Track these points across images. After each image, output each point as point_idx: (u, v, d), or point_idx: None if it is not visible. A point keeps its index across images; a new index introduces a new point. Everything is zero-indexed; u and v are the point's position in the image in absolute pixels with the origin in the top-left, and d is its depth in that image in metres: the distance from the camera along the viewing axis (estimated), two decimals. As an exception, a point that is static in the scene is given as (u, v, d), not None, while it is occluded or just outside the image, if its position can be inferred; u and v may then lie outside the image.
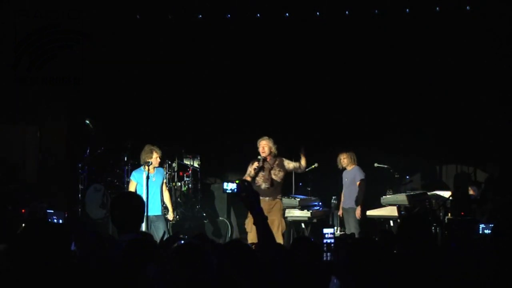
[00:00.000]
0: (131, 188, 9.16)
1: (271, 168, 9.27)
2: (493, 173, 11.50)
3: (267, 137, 9.33)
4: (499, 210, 9.29)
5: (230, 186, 3.37)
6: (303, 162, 9.33)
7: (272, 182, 9.23)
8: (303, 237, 7.46)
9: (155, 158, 9.19)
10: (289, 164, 9.38)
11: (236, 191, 3.39)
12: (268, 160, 9.27)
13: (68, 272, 3.15)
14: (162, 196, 9.38)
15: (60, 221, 7.38)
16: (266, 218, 3.45)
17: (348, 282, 3.43)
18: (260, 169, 9.22)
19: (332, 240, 3.54)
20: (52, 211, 7.74)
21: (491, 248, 3.58)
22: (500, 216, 8.77)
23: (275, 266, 3.37)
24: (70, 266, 3.23)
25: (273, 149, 9.29)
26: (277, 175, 9.28)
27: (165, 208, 9.52)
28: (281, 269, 3.52)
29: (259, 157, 9.24)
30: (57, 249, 3.16)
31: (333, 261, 3.51)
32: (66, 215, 7.69)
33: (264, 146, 9.25)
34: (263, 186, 9.22)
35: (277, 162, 9.31)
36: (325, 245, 3.54)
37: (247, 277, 3.39)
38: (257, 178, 9.23)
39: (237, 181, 3.41)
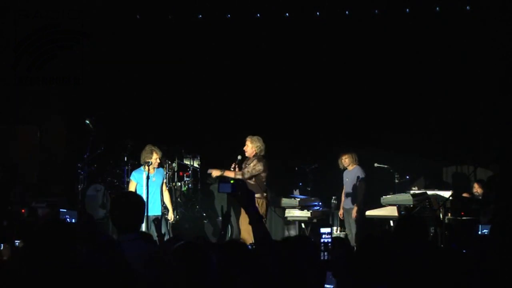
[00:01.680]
0: (131, 188, 9.15)
1: (243, 168, 9.11)
2: (494, 174, 11.49)
3: (250, 136, 9.05)
4: (500, 212, 9.27)
5: (225, 189, 3.42)
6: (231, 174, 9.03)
7: None
8: (303, 237, 7.47)
9: (154, 159, 9.17)
10: (245, 168, 8.98)
11: (231, 190, 3.43)
12: (247, 159, 9.09)
13: (70, 272, 3.15)
14: (162, 196, 9.37)
15: (73, 220, 7.35)
16: (261, 217, 3.48)
17: (347, 282, 3.44)
18: (234, 169, 9.06)
19: (329, 240, 3.56)
20: (64, 210, 7.74)
21: (490, 248, 3.59)
22: (498, 218, 8.76)
23: (272, 265, 3.38)
24: (73, 266, 3.23)
25: (254, 149, 8.98)
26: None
27: (165, 208, 9.51)
28: (278, 268, 3.52)
29: (239, 157, 9.05)
30: (62, 248, 3.16)
31: (329, 260, 3.53)
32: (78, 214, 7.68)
33: (246, 145, 9.03)
34: None
35: (248, 162, 9.01)
36: (322, 244, 3.57)
37: (246, 277, 3.40)
38: None
39: (232, 181, 3.45)
